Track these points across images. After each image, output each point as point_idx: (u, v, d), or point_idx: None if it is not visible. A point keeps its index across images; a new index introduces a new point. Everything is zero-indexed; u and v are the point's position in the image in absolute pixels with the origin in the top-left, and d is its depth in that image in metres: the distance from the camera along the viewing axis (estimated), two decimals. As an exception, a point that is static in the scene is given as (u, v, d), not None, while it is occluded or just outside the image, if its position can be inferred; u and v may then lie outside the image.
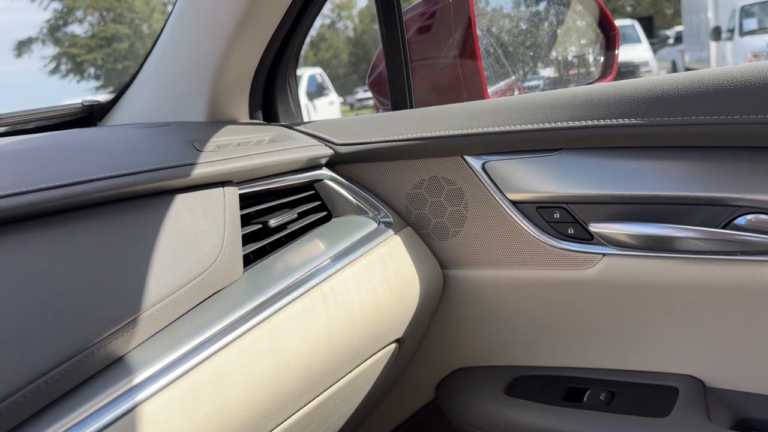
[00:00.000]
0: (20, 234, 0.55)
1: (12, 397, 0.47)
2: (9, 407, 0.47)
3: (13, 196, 0.55)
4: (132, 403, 0.53)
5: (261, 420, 0.64)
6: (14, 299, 0.51)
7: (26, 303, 0.51)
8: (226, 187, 0.75)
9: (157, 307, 0.59)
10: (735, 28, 8.82)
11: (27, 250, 0.55)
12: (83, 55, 23.44)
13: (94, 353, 0.53)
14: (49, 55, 24.75)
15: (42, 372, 0.49)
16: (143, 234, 0.63)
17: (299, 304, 0.71)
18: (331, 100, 11.07)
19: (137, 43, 23.32)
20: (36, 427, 0.48)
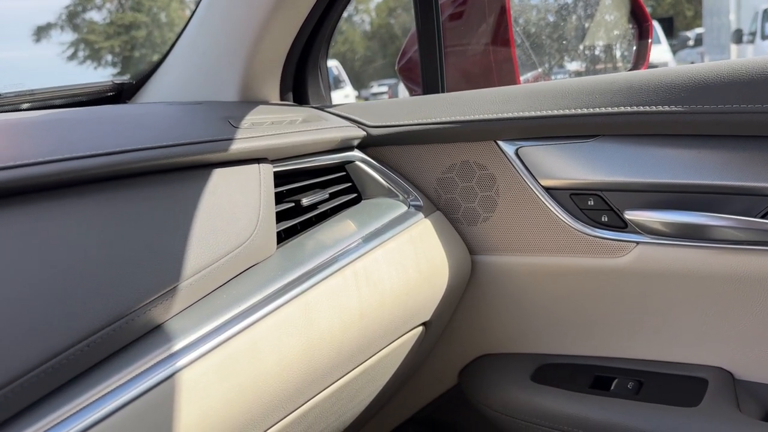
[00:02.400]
0: (64, 200, 0.56)
1: (55, 359, 0.47)
2: (53, 368, 0.47)
3: (58, 162, 0.56)
4: (172, 369, 0.54)
5: (294, 393, 0.65)
6: (59, 264, 0.51)
7: (69, 268, 0.52)
8: (262, 164, 0.75)
9: (196, 277, 0.60)
10: (757, 31, 8.72)
11: (70, 216, 0.56)
12: (101, 42, 23.57)
13: (135, 320, 0.54)
14: (68, 41, 24.88)
15: (84, 336, 0.50)
16: (182, 206, 0.64)
17: (332, 281, 0.71)
18: (347, 93, 11.08)
19: (155, 32, 23.41)
20: (79, 389, 0.49)
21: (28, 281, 0.49)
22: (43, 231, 0.53)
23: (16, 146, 0.58)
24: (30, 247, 0.51)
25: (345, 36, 27.35)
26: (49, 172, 0.55)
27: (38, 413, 0.47)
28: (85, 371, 0.50)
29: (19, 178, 0.53)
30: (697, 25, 17.18)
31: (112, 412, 0.49)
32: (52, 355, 0.47)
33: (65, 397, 0.48)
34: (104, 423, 0.49)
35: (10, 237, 0.51)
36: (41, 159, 0.55)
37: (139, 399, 0.51)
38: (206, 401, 0.55)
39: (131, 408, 0.51)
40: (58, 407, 0.48)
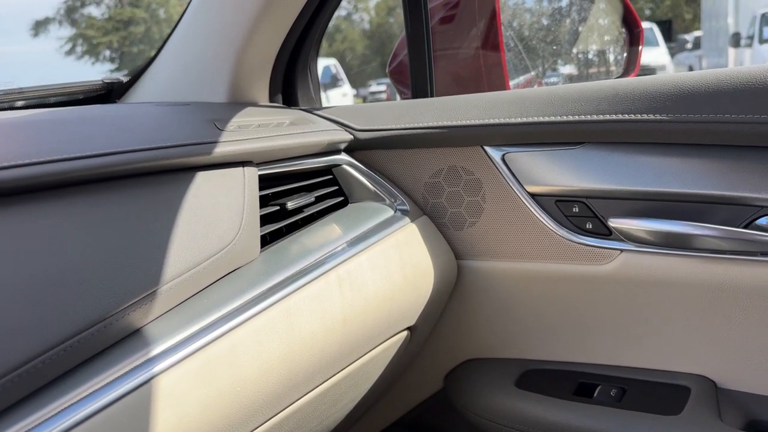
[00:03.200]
0: (42, 202, 0.56)
1: (31, 362, 0.47)
2: (29, 372, 0.47)
3: (37, 165, 0.55)
4: (149, 374, 0.53)
5: (274, 398, 0.65)
6: (36, 267, 0.51)
7: (48, 271, 0.52)
8: (246, 167, 0.75)
9: (176, 281, 0.59)
10: (755, 35, 8.74)
11: (49, 218, 0.55)
12: (99, 37, 23.51)
13: (113, 324, 0.53)
14: (66, 36, 24.82)
15: (61, 339, 0.49)
16: (164, 209, 0.64)
17: (315, 286, 0.71)
18: (345, 91, 11.06)
19: (153, 28, 23.37)
20: (54, 393, 0.49)
21: (5, 283, 0.49)
22: (22, 233, 0.53)
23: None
24: (7, 249, 0.51)
25: (344, 34, 27.33)
26: (30, 175, 0.55)
27: (14, 417, 0.46)
28: (62, 375, 0.50)
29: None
30: (695, 29, 17.21)
31: (89, 416, 0.49)
32: (29, 359, 0.47)
33: (41, 401, 0.48)
34: (80, 427, 0.49)
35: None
36: (22, 161, 0.55)
37: (116, 404, 0.51)
38: (183, 407, 0.55)
39: (107, 412, 0.50)
40: (33, 411, 0.47)
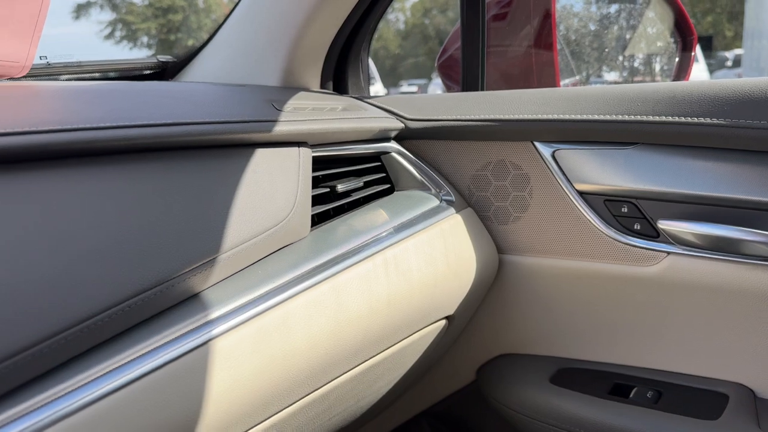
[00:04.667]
0: (114, 166, 0.58)
1: (97, 317, 0.49)
2: (96, 324, 0.49)
3: (111, 129, 0.57)
4: (208, 336, 0.55)
5: (319, 371, 0.66)
6: (108, 226, 0.53)
7: (117, 231, 0.54)
8: (302, 148, 0.77)
9: (234, 251, 0.61)
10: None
11: (120, 182, 0.57)
12: (138, 23, 23.89)
13: (174, 286, 0.55)
14: (106, 21, 25.25)
15: (128, 296, 0.52)
16: (224, 181, 0.65)
17: (362, 267, 0.72)
18: (376, 89, 11.06)
19: (191, 17, 23.65)
20: (118, 348, 0.51)
21: (77, 241, 0.51)
22: (94, 194, 0.55)
23: (69, 111, 0.60)
24: (80, 208, 0.53)
25: (379, 33, 27.32)
26: (103, 138, 0.57)
27: (80, 366, 0.49)
28: (126, 331, 0.52)
29: (74, 141, 0.54)
30: (736, 47, 16.89)
31: (149, 371, 0.51)
32: (93, 314, 0.49)
33: (106, 354, 0.50)
34: (141, 381, 0.50)
35: (63, 196, 0.52)
36: (96, 125, 0.57)
37: (175, 362, 0.53)
38: (238, 370, 0.57)
39: (167, 370, 0.52)
40: (99, 362, 0.50)
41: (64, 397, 0.47)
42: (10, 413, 0.44)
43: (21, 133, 0.51)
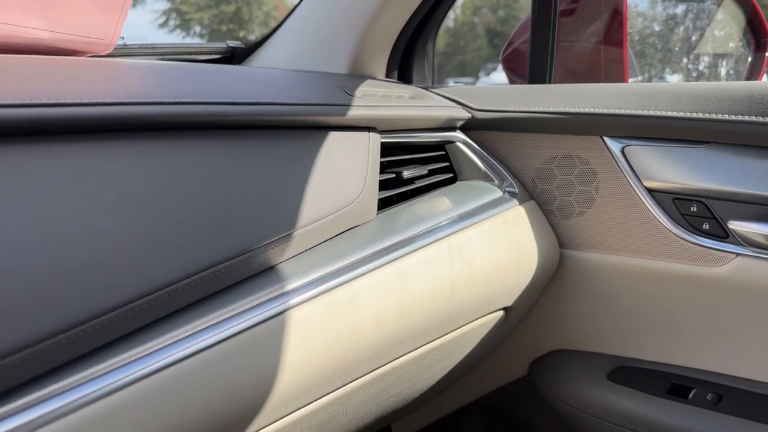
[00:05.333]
0: (199, 141, 0.60)
1: (184, 281, 0.52)
2: (182, 288, 0.51)
3: (198, 105, 0.60)
4: (284, 306, 0.57)
5: (384, 349, 0.68)
6: (194, 197, 0.55)
7: (204, 202, 0.56)
8: (371, 133, 0.78)
9: (308, 228, 0.63)
10: None
11: (204, 156, 0.60)
12: (192, 13, 24.38)
13: (254, 257, 0.58)
14: (161, 10, 25.88)
15: (212, 263, 0.54)
16: (301, 161, 0.67)
17: (427, 252, 0.73)
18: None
19: (243, 8, 24.02)
20: (204, 310, 0.53)
21: (169, 208, 0.53)
22: (186, 166, 0.57)
23: (163, 87, 0.63)
24: (167, 179, 0.56)
25: (427, 30, 27.14)
26: (195, 113, 0.59)
27: (164, 328, 0.51)
28: (207, 297, 0.55)
29: (170, 114, 0.57)
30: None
31: (229, 336, 0.53)
32: (184, 276, 0.52)
33: (187, 318, 0.53)
34: (222, 345, 0.53)
35: (158, 165, 0.55)
36: (183, 100, 0.59)
37: (254, 328, 0.55)
38: (310, 341, 0.58)
39: (244, 336, 0.55)
40: (182, 325, 0.52)
41: (147, 357, 0.49)
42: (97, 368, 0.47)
43: (123, 104, 0.53)
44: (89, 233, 0.48)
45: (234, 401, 0.55)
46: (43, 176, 0.48)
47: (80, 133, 0.52)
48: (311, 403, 0.64)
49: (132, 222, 0.50)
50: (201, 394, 0.52)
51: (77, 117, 0.51)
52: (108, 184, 0.51)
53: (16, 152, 0.48)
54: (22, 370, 0.43)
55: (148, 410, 0.48)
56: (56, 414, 0.44)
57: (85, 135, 0.52)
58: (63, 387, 0.45)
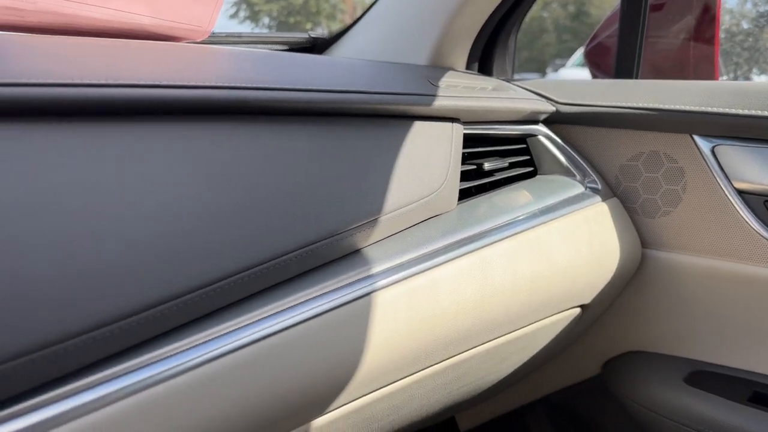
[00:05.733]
0: (296, 125, 0.62)
1: (279, 258, 0.54)
2: (276, 266, 0.54)
3: (296, 92, 0.62)
4: (370, 288, 0.59)
5: (462, 338, 0.68)
6: (287, 181, 0.57)
7: (296, 185, 0.58)
8: (455, 123, 0.78)
9: (393, 214, 0.64)
10: None
11: (298, 141, 0.62)
12: (261, 4, 24.87)
13: (342, 239, 0.59)
14: (232, 1, 26.49)
15: (305, 243, 0.56)
16: (388, 149, 0.68)
17: (507, 244, 0.73)
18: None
19: (311, 1, 24.32)
20: (292, 289, 0.55)
21: (262, 192, 0.55)
22: (276, 150, 0.59)
23: (252, 72, 0.65)
24: (264, 162, 0.58)
25: (494, 25, 26.72)
26: (286, 99, 0.61)
27: (255, 304, 0.53)
28: (297, 276, 0.57)
29: (270, 99, 0.59)
30: None
31: (316, 315, 0.55)
32: (280, 254, 0.54)
33: (278, 296, 0.55)
34: (309, 323, 0.55)
35: (249, 149, 0.57)
36: (280, 86, 0.61)
37: (339, 309, 0.57)
38: (394, 324, 0.60)
39: (331, 315, 0.56)
40: (272, 301, 0.54)
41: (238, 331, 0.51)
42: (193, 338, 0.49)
43: (226, 88, 0.56)
44: (194, 210, 0.50)
45: (319, 378, 0.57)
46: (155, 153, 0.51)
47: (186, 114, 0.55)
48: (389, 385, 0.66)
49: (231, 202, 0.53)
50: (289, 370, 0.54)
51: (183, 99, 0.53)
52: (205, 165, 0.53)
53: (133, 130, 0.51)
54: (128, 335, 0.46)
55: (237, 384, 0.50)
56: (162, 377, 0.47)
57: (189, 116, 0.55)
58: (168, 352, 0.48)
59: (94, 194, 0.46)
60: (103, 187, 0.47)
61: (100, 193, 0.46)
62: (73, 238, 0.44)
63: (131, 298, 0.46)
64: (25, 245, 0.42)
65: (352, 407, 0.64)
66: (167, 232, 0.48)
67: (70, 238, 0.44)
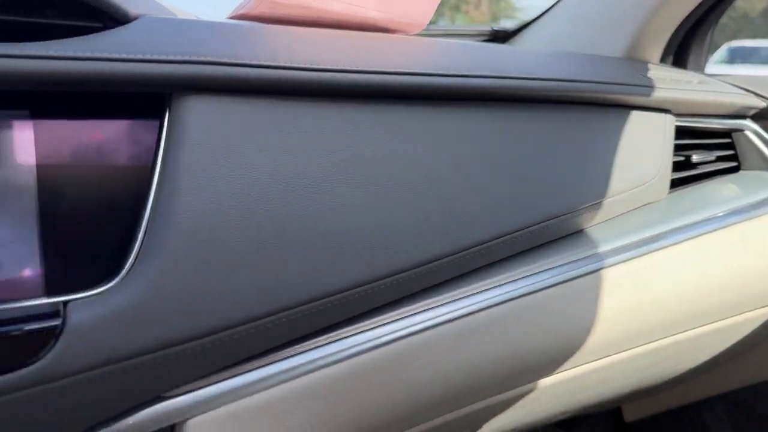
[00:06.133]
0: (531, 112, 0.67)
1: (518, 231, 0.60)
2: (525, 235, 0.59)
3: (523, 80, 0.66)
4: (598, 265, 0.63)
5: (676, 322, 0.71)
6: (520, 164, 0.62)
7: (526, 169, 0.63)
8: (667, 115, 0.80)
9: (613, 199, 0.68)
10: None
11: (534, 125, 0.66)
12: None
13: (570, 219, 0.64)
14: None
15: (539, 220, 0.61)
16: (606, 137, 0.72)
17: (719, 235, 0.74)
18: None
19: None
20: (521, 263, 0.61)
21: (503, 171, 0.61)
22: (511, 135, 0.64)
23: (472, 61, 0.68)
24: (506, 144, 0.63)
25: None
26: (518, 87, 0.65)
27: (503, 268, 0.59)
28: (529, 250, 0.62)
29: (504, 87, 0.63)
30: None
31: (554, 284, 0.61)
32: (518, 228, 0.60)
33: (514, 265, 0.61)
34: (549, 290, 0.60)
35: (491, 133, 0.62)
36: (510, 75, 0.66)
37: (573, 281, 0.62)
38: (620, 301, 0.64)
39: (566, 286, 0.62)
40: (509, 270, 0.60)
41: (473, 296, 0.58)
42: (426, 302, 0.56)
43: (475, 77, 0.61)
44: (451, 182, 0.57)
45: (551, 342, 0.62)
46: (417, 133, 0.56)
47: (432, 99, 0.59)
48: (603, 359, 0.70)
49: (481, 179, 0.59)
50: (529, 330, 0.60)
51: (439, 85, 0.58)
52: (456, 144, 0.59)
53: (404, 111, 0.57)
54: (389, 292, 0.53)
55: (470, 344, 0.57)
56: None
57: (445, 102, 0.60)
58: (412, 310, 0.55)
59: (371, 165, 0.52)
60: (379, 159, 0.53)
61: (372, 165, 0.52)
62: (364, 201, 0.51)
63: (399, 258, 0.52)
64: (330, 207, 0.49)
65: (570, 375, 0.69)
66: (425, 203, 0.54)
67: (363, 201, 0.51)
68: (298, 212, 0.48)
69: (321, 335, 0.50)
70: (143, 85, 0.45)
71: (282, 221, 0.47)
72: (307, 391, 0.49)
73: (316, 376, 0.49)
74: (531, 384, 0.65)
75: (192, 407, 0.45)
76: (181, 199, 0.44)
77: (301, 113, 0.51)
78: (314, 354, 0.49)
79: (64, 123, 0.45)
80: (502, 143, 0.63)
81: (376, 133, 0.54)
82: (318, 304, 0.48)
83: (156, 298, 0.42)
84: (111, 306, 0.41)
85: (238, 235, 0.45)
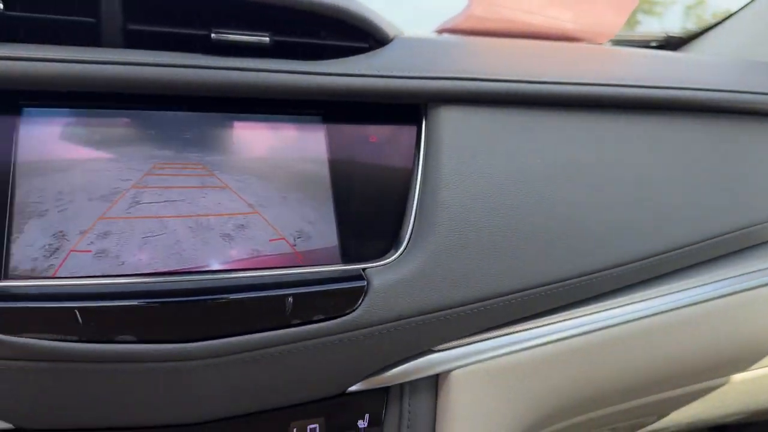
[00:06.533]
0: (722, 122, 0.70)
1: (728, 234, 0.64)
2: (730, 239, 0.64)
3: (743, 93, 0.70)
4: None
5: None
6: (717, 172, 0.67)
7: (723, 178, 0.67)
8: None
9: None
10: None
11: (724, 138, 0.70)
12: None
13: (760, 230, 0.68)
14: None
15: (745, 225, 0.66)
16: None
17: None
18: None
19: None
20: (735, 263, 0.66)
21: (701, 175, 0.66)
22: (710, 142, 0.68)
23: (663, 72, 0.73)
24: (709, 151, 0.68)
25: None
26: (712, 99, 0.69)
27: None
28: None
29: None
30: None
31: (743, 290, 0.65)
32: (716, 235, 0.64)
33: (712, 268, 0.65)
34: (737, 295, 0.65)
35: (690, 143, 0.67)
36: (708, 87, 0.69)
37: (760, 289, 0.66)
38: None
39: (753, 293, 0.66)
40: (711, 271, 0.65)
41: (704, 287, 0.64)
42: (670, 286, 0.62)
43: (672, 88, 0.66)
44: (656, 190, 0.62)
45: (739, 342, 0.66)
46: (626, 142, 0.63)
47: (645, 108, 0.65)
48: None
49: (682, 185, 0.64)
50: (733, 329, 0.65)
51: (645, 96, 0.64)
52: (666, 151, 0.64)
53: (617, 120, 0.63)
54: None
55: (683, 334, 0.63)
56: None
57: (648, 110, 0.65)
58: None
59: (587, 167, 0.59)
60: (593, 163, 0.60)
61: (588, 167, 0.59)
62: (583, 200, 0.58)
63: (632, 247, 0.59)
64: (558, 203, 0.57)
65: (757, 374, 0.72)
66: (638, 203, 0.60)
67: (582, 199, 0.58)
68: (532, 206, 0.56)
69: (555, 313, 0.58)
70: (408, 97, 0.55)
71: (519, 214, 0.56)
72: (543, 360, 0.57)
73: (550, 348, 0.57)
74: (721, 379, 0.70)
75: (454, 360, 0.54)
76: (441, 192, 0.53)
77: (533, 121, 0.59)
78: (550, 328, 0.58)
79: (346, 126, 0.56)
80: (709, 151, 0.67)
81: (593, 138, 0.61)
82: (551, 287, 0.56)
83: (431, 270, 0.52)
84: (399, 274, 0.51)
85: (486, 223, 0.54)
